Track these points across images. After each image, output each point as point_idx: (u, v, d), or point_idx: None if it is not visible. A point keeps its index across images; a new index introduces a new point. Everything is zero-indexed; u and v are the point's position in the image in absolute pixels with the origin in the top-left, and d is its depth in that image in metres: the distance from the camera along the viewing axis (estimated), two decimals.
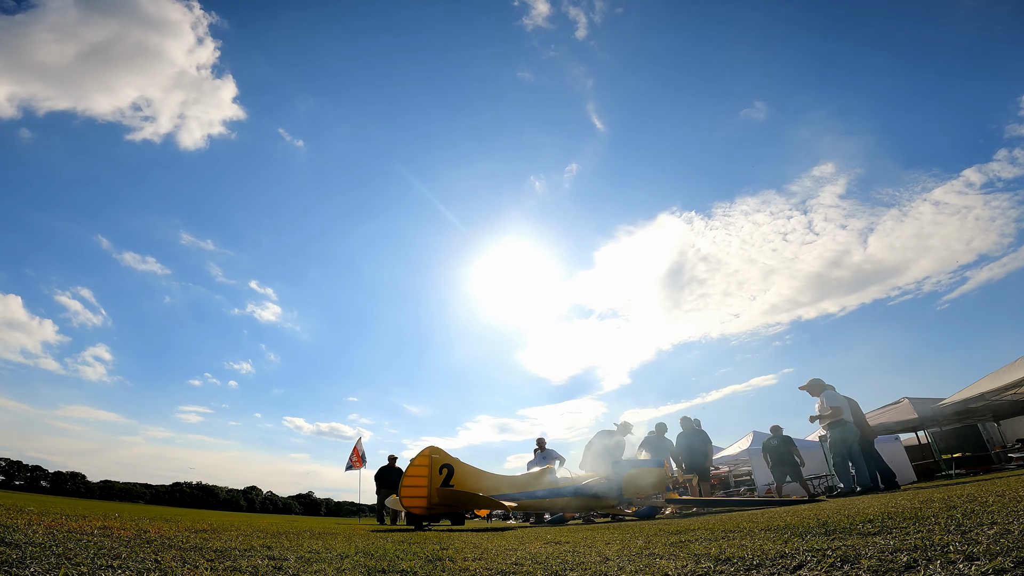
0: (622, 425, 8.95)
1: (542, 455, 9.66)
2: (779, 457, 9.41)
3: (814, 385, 7.78)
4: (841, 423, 7.31)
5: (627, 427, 8.96)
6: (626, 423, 8.98)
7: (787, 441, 9.52)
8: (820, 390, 7.69)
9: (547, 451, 9.80)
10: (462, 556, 2.26)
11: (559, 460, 9.78)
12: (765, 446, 9.85)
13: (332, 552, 2.40)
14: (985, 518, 1.84)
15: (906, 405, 13.02)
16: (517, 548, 2.54)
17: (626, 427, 8.95)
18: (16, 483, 79.75)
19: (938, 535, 1.58)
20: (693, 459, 9.20)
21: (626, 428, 8.94)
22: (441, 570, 1.86)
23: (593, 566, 1.77)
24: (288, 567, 1.85)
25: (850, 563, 1.36)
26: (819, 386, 7.74)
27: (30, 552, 1.68)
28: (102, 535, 2.41)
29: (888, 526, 1.97)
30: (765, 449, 9.81)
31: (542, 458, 9.54)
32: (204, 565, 1.78)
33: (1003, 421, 14.61)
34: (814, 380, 7.81)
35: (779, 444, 9.52)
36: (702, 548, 1.96)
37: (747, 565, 1.52)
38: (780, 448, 9.47)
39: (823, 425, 7.63)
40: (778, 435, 9.67)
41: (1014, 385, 9.71)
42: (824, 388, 7.69)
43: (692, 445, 9.28)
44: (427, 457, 6.27)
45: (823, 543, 1.72)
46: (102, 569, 1.53)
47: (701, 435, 9.43)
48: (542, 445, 9.90)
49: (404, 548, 2.68)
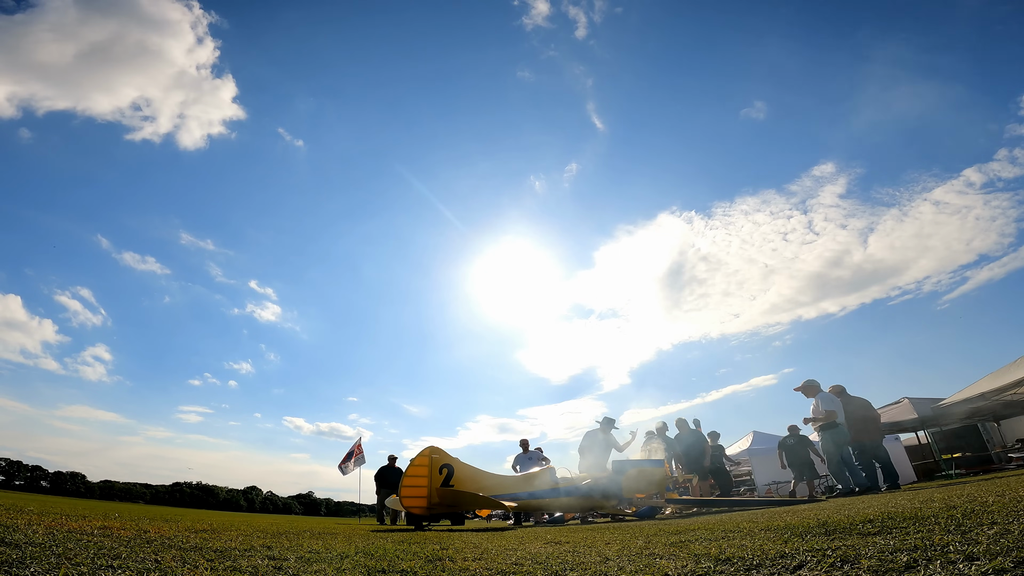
0: (604, 421, 9.04)
1: (526, 456, 9.84)
2: (795, 456, 9.47)
3: (808, 387, 7.80)
4: (832, 426, 7.35)
5: (610, 422, 9.05)
6: (608, 418, 9.09)
7: (804, 441, 9.58)
8: (814, 392, 7.72)
9: (531, 452, 9.98)
10: (462, 556, 2.26)
11: (543, 461, 9.90)
12: (781, 444, 9.92)
13: (332, 552, 2.40)
14: (985, 518, 1.83)
15: (906, 405, 13.02)
16: (517, 548, 2.54)
17: (609, 422, 9.04)
18: (16, 483, 79.69)
19: (938, 535, 1.58)
20: (691, 459, 9.27)
21: (609, 423, 9.03)
22: (441, 570, 1.85)
23: (593, 566, 1.77)
24: (288, 567, 1.85)
25: (850, 563, 1.36)
26: (813, 388, 7.76)
27: (30, 552, 1.68)
28: (102, 535, 2.41)
29: (888, 526, 1.97)
30: (781, 447, 9.86)
31: (527, 459, 9.72)
32: (204, 565, 1.78)
33: (1003, 421, 14.60)
34: (808, 382, 7.84)
35: (795, 444, 9.58)
36: (702, 548, 1.96)
37: (747, 565, 1.52)
38: (796, 448, 9.54)
39: (815, 428, 7.70)
40: (795, 435, 9.73)
41: (1014, 385, 9.71)
42: (818, 390, 7.71)
43: (689, 446, 9.35)
44: (427, 457, 6.26)
45: (823, 543, 1.72)
46: (102, 569, 1.53)
47: (698, 436, 9.50)
48: (525, 447, 10.05)
49: (404, 548, 2.68)
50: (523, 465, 9.66)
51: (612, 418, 9.11)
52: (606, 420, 9.03)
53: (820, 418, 7.45)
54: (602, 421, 9.03)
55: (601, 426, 8.98)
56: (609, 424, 9.00)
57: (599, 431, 8.95)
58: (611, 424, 9.02)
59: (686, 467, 9.37)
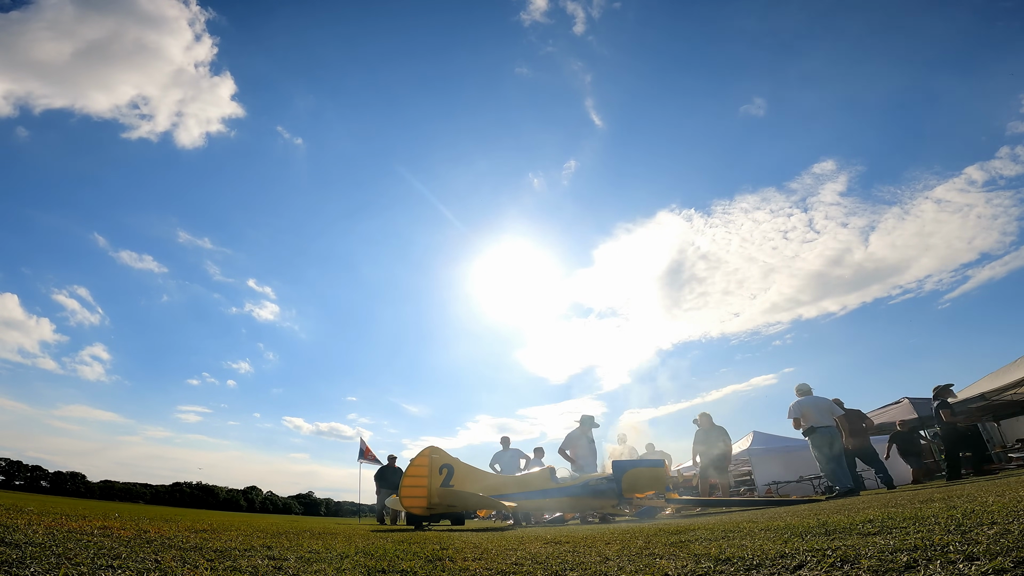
0: (584, 419, 9.02)
1: (506, 453, 9.95)
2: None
3: (795, 390, 7.88)
4: (811, 431, 7.32)
5: (589, 420, 9.04)
6: (586, 416, 9.06)
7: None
8: (801, 395, 7.75)
9: (511, 449, 10.11)
10: (462, 556, 2.26)
11: (524, 459, 9.97)
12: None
13: (332, 552, 2.40)
14: (985, 518, 1.84)
15: (906, 405, 13.03)
16: (517, 548, 2.54)
17: (588, 420, 9.03)
18: (16, 483, 79.71)
19: (938, 535, 1.58)
20: (713, 455, 8.64)
21: (588, 421, 9.02)
22: (441, 570, 1.86)
23: (593, 566, 1.77)
24: (288, 567, 1.85)
25: (850, 563, 1.36)
26: (798, 391, 7.82)
27: (30, 552, 1.68)
28: (102, 535, 2.41)
29: (888, 526, 1.97)
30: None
31: (510, 456, 9.84)
32: (204, 565, 1.78)
33: (1003, 421, 14.59)
34: (798, 386, 7.90)
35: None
36: (702, 548, 1.96)
37: (747, 565, 1.52)
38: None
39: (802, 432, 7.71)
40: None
41: (1014, 385, 9.71)
42: (805, 394, 7.70)
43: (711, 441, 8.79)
44: (427, 457, 6.27)
45: (823, 543, 1.72)
46: (102, 569, 1.53)
47: (720, 431, 8.90)
48: (506, 444, 10.16)
49: (404, 548, 2.68)
50: (503, 462, 9.76)
51: (591, 415, 9.10)
52: (585, 418, 9.01)
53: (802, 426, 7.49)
54: (582, 419, 9.01)
55: (581, 423, 8.98)
56: (589, 423, 9.00)
57: (581, 428, 8.95)
58: (591, 423, 9.02)
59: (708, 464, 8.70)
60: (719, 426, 8.82)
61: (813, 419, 7.30)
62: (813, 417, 7.31)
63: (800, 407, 7.46)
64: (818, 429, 7.24)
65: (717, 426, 8.82)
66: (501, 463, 9.88)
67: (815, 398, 7.56)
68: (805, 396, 7.63)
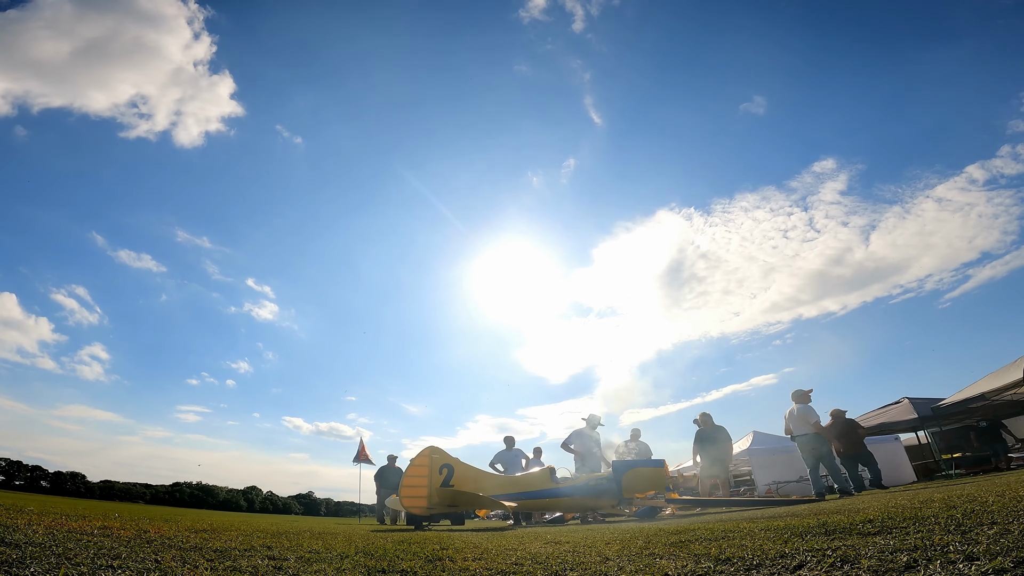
0: (589, 418, 9.07)
1: (510, 454, 9.90)
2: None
3: (792, 396, 8.14)
4: (794, 438, 7.93)
5: (595, 419, 9.09)
6: (592, 415, 9.12)
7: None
8: (794, 401, 8.06)
9: (514, 450, 10.06)
10: (462, 556, 2.26)
11: (525, 459, 9.97)
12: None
13: (332, 552, 2.40)
14: (985, 518, 1.84)
15: (906, 405, 13.01)
16: (517, 548, 2.54)
17: (593, 419, 9.07)
18: (16, 483, 79.64)
19: (938, 535, 1.58)
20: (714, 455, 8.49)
21: (594, 420, 9.07)
22: (441, 570, 1.86)
23: (593, 566, 1.77)
24: (288, 567, 1.85)
25: (850, 563, 1.36)
26: (792, 398, 8.10)
27: (30, 552, 1.68)
28: (102, 535, 2.41)
29: (888, 526, 1.97)
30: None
31: (513, 456, 9.80)
32: (204, 565, 1.78)
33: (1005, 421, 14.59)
34: (792, 393, 8.11)
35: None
36: (702, 548, 1.96)
37: (747, 565, 1.52)
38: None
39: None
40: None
41: (1014, 385, 9.70)
42: (797, 400, 8.00)
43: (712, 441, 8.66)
44: (427, 457, 6.27)
45: (823, 543, 1.72)
46: (102, 569, 1.53)
47: (721, 431, 8.78)
48: (509, 444, 10.11)
49: (404, 548, 2.68)
50: (505, 462, 9.75)
51: (597, 415, 9.14)
52: (591, 417, 9.07)
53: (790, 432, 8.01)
54: (587, 418, 9.06)
55: (587, 423, 9.02)
56: (594, 422, 9.05)
57: (586, 428, 8.98)
58: (596, 422, 9.07)
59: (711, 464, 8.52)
60: (719, 426, 8.76)
61: (793, 428, 7.91)
62: (793, 426, 7.92)
63: (788, 415, 8.03)
64: (796, 437, 7.87)
65: (717, 426, 8.77)
66: (503, 463, 9.87)
67: (799, 407, 7.99)
68: (794, 404, 8.05)
